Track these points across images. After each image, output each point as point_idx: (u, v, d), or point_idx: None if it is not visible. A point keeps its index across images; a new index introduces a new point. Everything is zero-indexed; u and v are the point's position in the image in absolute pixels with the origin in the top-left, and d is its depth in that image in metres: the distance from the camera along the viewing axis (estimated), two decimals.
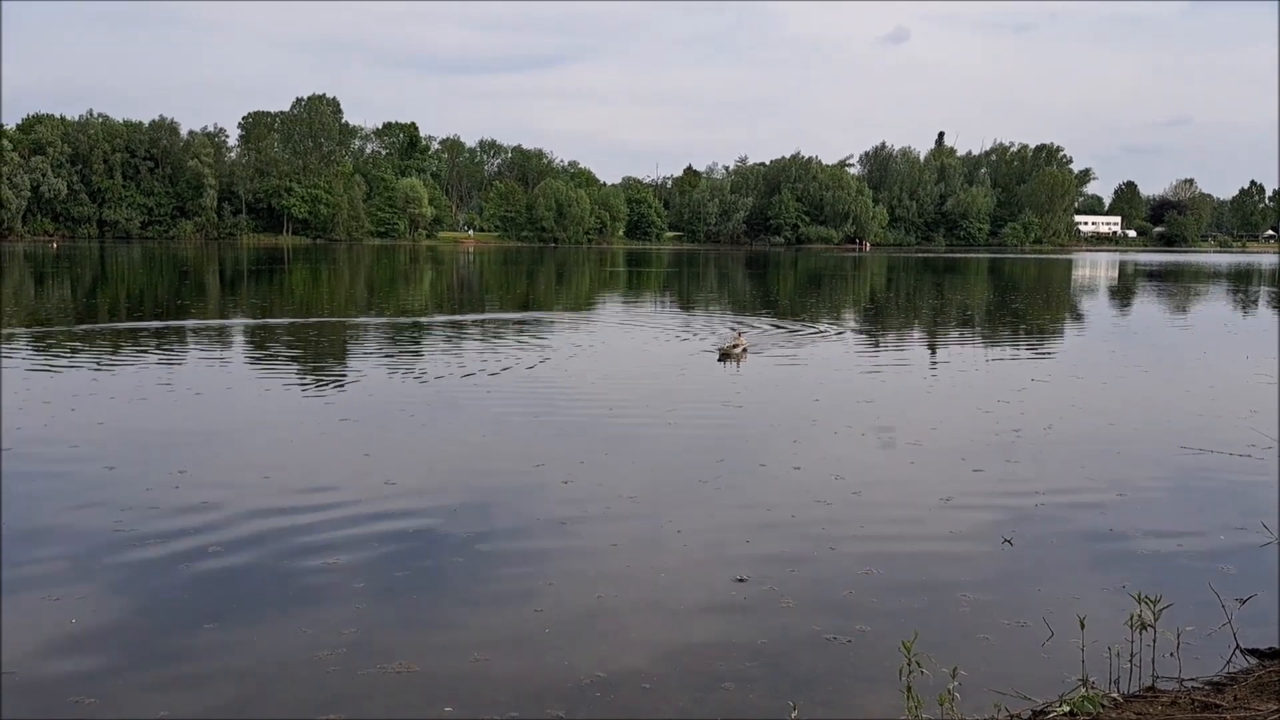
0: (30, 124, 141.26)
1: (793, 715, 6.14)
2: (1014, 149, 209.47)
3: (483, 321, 34.51)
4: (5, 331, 28.15)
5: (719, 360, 21.67)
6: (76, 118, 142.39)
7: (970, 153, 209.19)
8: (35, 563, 9.27)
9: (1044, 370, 23.41)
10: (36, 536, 9.97)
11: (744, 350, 22.82)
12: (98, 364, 22.20)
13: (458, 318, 35.57)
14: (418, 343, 27.98)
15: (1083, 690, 6.80)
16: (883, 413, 17.25)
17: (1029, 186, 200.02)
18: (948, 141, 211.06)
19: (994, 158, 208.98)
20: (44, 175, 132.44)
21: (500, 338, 29.20)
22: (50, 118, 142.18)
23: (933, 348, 28.16)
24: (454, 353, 25.50)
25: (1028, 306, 45.43)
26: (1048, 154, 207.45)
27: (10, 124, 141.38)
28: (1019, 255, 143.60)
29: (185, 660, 7.36)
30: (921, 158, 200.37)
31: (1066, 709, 6.65)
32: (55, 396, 17.86)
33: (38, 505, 11.03)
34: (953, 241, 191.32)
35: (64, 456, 13.25)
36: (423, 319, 35.28)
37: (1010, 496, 11.91)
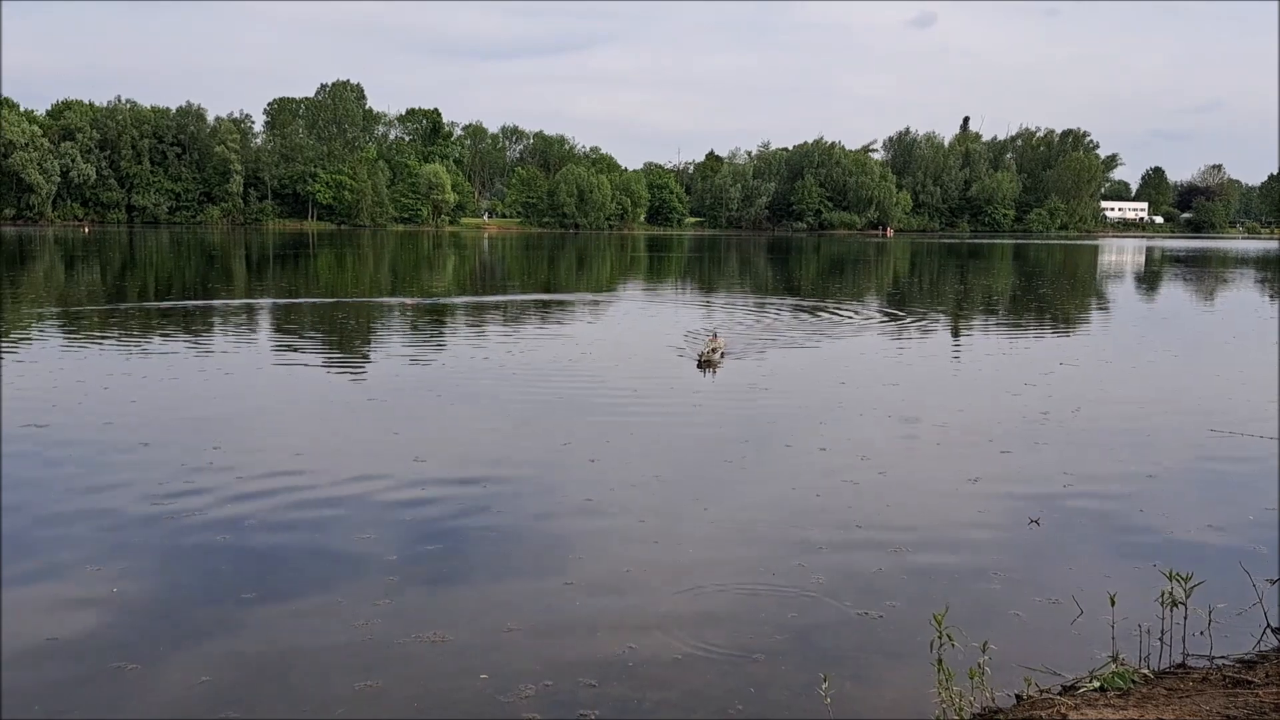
0: (60, 109, 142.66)
1: (823, 687, 6.19)
2: (1040, 134, 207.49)
3: (505, 304, 34.65)
4: (39, 312, 28.54)
5: (698, 368, 19.11)
6: (105, 103, 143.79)
7: (996, 138, 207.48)
8: (76, 535, 9.45)
9: (1071, 354, 23.26)
10: (75, 510, 10.16)
11: (722, 354, 20.32)
12: (129, 345, 22.48)
13: (480, 299, 35.74)
14: (442, 324, 28.14)
15: (1113, 666, 6.81)
16: (908, 396, 17.22)
17: (1055, 172, 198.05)
18: (973, 126, 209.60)
19: (1020, 143, 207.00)
20: (73, 160, 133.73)
21: (523, 320, 29.32)
22: (79, 103, 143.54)
23: (958, 332, 28.03)
24: (478, 334, 25.63)
25: (1054, 292, 45.08)
26: (1074, 139, 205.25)
27: (40, 109, 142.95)
28: (1044, 241, 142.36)
29: (224, 630, 7.50)
30: (946, 143, 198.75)
31: (1097, 684, 6.67)
32: (88, 376, 18.12)
33: (76, 481, 11.22)
34: (977, 227, 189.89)
35: (99, 434, 13.45)
36: (446, 300, 35.49)
37: (1038, 478, 11.88)
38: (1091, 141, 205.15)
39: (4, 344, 22.10)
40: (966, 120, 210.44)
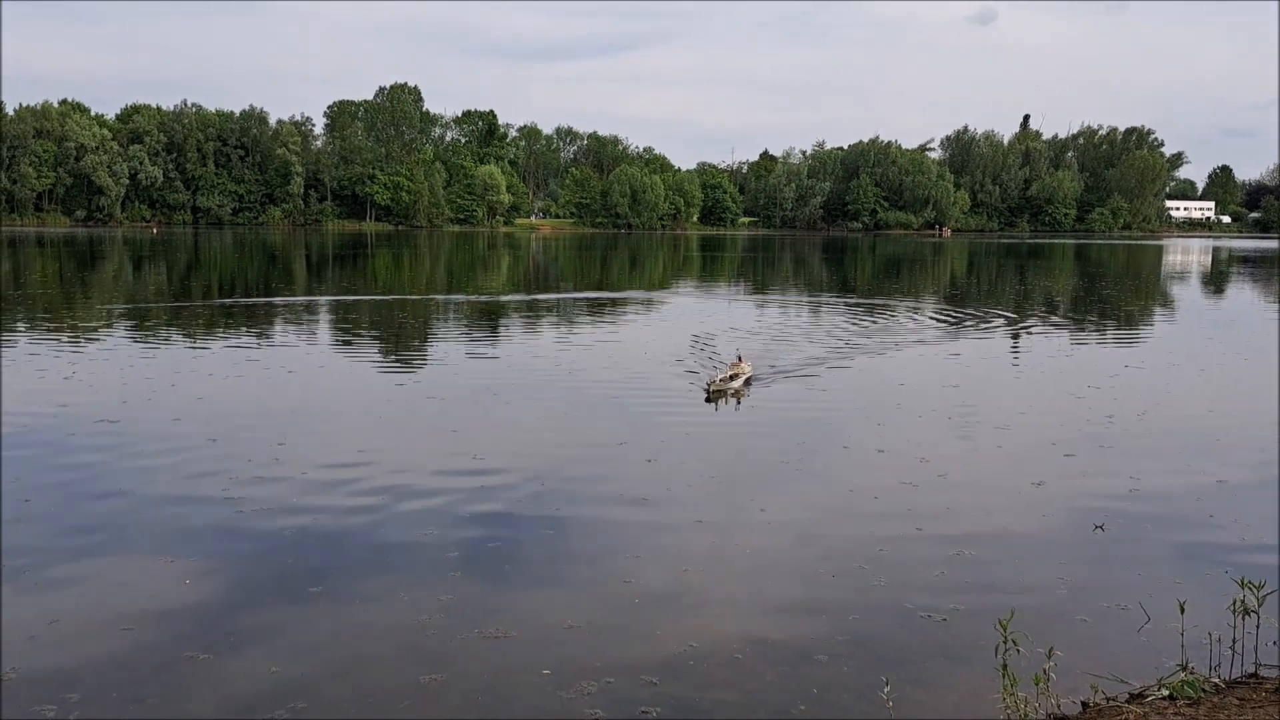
0: (128, 113, 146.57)
1: (885, 691, 6.16)
2: (1102, 132, 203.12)
3: (559, 303, 34.88)
4: (111, 310, 29.39)
5: (707, 400, 16.35)
6: (172, 107, 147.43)
7: (1056, 136, 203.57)
8: (149, 527, 9.73)
9: (1137, 356, 22.78)
10: (148, 503, 10.45)
11: (746, 380, 17.70)
12: (195, 342, 23.05)
13: (535, 298, 36.02)
14: (498, 323, 28.41)
15: (1182, 675, 6.68)
16: (969, 397, 17.00)
17: (1118, 170, 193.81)
18: (1033, 124, 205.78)
19: (1081, 141, 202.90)
20: (141, 163, 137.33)
21: (578, 319, 29.49)
22: (147, 107, 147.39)
23: (1018, 333, 27.59)
24: (533, 333, 25.84)
25: (1117, 293, 44.13)
26: (1138, 137, 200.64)
27: (110, 113, 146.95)
28: (1107, 241, 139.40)
29: (292, 622, 7.67)
30: (1005, 141, 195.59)
31: (1166, 693, 6.54)
32: (157, 373, 18.62)
33: (150, 475, 11.55)
34: (1037, 227, 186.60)
35: (169, 429, 13.82)
36: (502, 298, 35.83)
37: (1103, 483, 11.66)
38: (1156, 139, 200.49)
39: (79, 341, 22.79)
40: (1027, 118, 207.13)
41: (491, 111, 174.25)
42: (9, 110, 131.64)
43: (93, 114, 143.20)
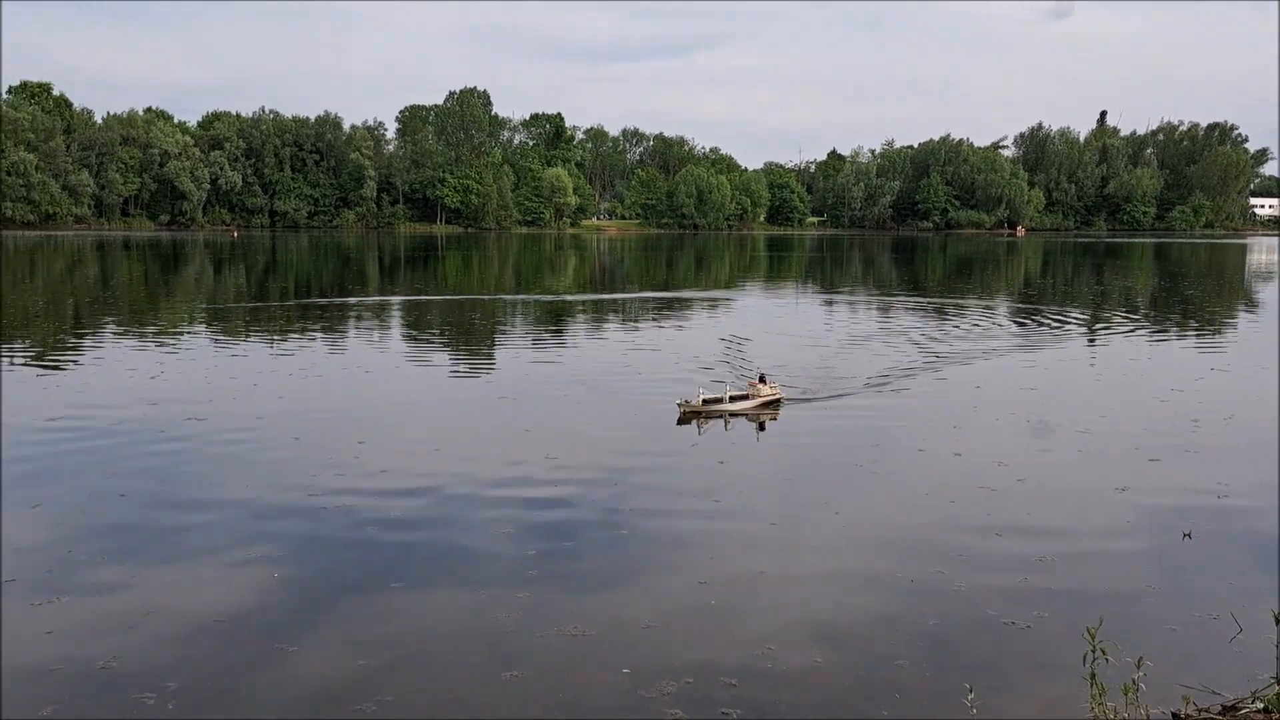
0: (209, 120, 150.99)
1: (969, 698, 6.08)
2: (1183, 128, 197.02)
3: (626, 303, 34.99)
4: (193, 310, 30.34)
5: (679, 422, 14.68)
6: (250, 114, 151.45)
7: (1135, 132, 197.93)
8: (236, 523, 10.03)
9: (1223, 359, 22.07)
10: (235, 500, 10.78)
11: (769, 403, 15.76)
12: (275, 343, 23.65)
13: (601, 298, 36.20)
14: (565, 324, 28.63)
15: (1278, 688, 6.47)
16: (1047, 400, 16.65)
17: (1199, 167, 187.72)
18: (1110, 121, 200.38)
19: (1161, 137, 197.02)
20: (221, 169, 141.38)
21: (645, 319, 29.55)
22: (227, 114, 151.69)
23: (1097, 335, 26.92)
24: (602, 333, 25.98)
25: (1200, 293, 42.79)
26: (1220, 133, 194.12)
27: (192, 120, 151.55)
28: (1188, 240, 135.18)
29: (376, 616, 7.85)
30: (1082, 138, 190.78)
31: (1260, 705, 6.34)
32: (240, 372, 19.16)
33: (238, 473, 11.91)
34: (1115, 226, 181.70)
35: (254, 428, 14.21)
36: (569, 298, 36.10)
37: (1190, 489, 11.35)
38: (1239, 135, 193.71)
39: (165, 341, 23.56)
40: (1104, 114, 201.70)
41: (559, 114, 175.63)
42: (98, 118, 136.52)
43: (175, 121, 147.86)
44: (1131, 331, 27.43)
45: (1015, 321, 29.57)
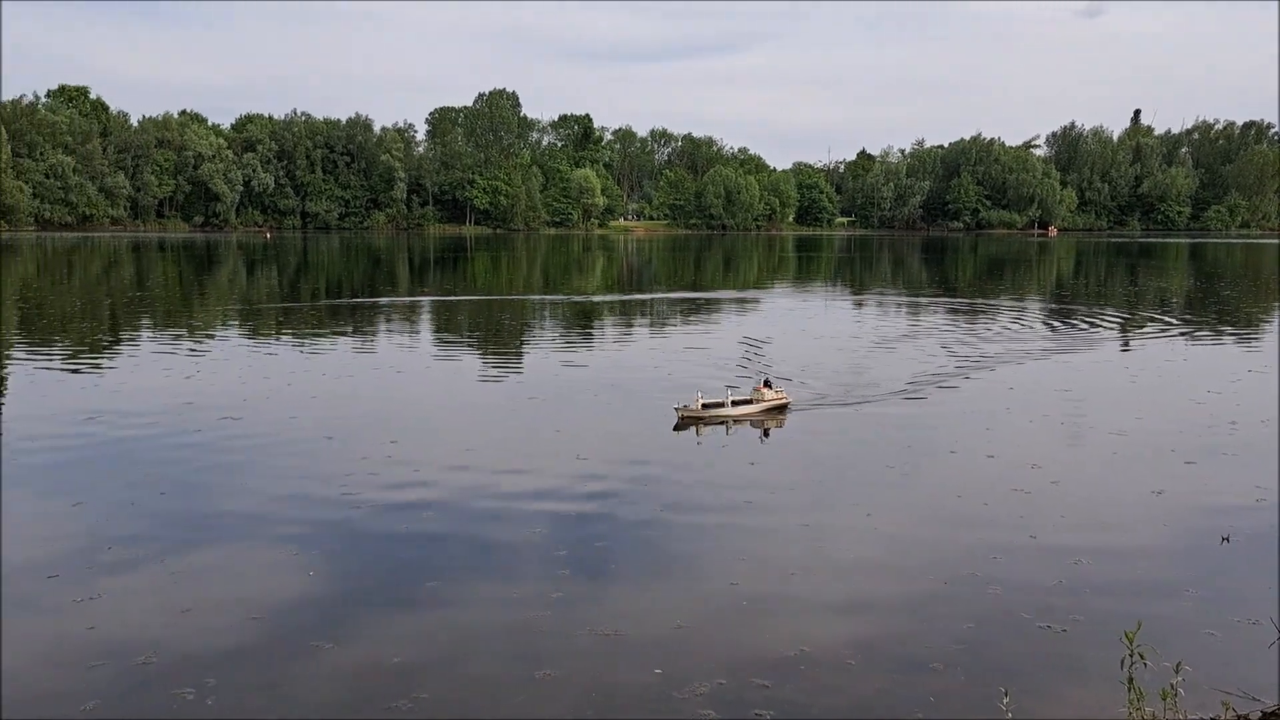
0: (242, 123, 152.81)
1: (1004, 702, 6.04)
2: (1219, 126, 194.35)
3: (654, 304, 35.00)
4: (226, 310, 30.70)
5: (676, 428, 14.48)
6: (282, 116, 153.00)
7: (1169, 131, 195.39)
8: (273, 520, 10.16)
9: (1260, 360, 21.74)
10: (271, 498, 10.91)
11: (774, 408, 15.61)
12: (308, 343, 23.87)
13: (629, 298, 36.23)
14: (594, 324, 28.68)
15: None
16: (1081, 401, 16.49)
17: (1235, 166, 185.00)
18: (1144, 120, 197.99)
19: (1196, 136, 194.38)
20: (254, 171, 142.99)
21: (673, 320, 29.54)
22: (260, 117, 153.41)
23: (1131, 336, 26.61)
24: (628, 335, 26.00)
25: (1236, 294, 42.17)
26: (1257, 131, 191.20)
27: (225, 123, 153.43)
28: (1223, 240, 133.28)
29: (411, 613, 7.92)
30: (1115, 137, 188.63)
31: None
32: (274, 372, 19.37)
33: (272, 471, 12.06)
34: (1149, 226, 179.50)
35: (288, 427, 14.37)
36: (597, 299, 36.15)
37: (1228, 492, 11.20)
38: (1277, 134, 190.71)
39: (200, 340, 23.86)
40: (1138, 113, 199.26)
41: (587, 115, 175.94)
42: (134, 121, 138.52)
43: (209, 124, 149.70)
44: (1167, 333, 27.09)
45: (1048, 323, 29.28)
